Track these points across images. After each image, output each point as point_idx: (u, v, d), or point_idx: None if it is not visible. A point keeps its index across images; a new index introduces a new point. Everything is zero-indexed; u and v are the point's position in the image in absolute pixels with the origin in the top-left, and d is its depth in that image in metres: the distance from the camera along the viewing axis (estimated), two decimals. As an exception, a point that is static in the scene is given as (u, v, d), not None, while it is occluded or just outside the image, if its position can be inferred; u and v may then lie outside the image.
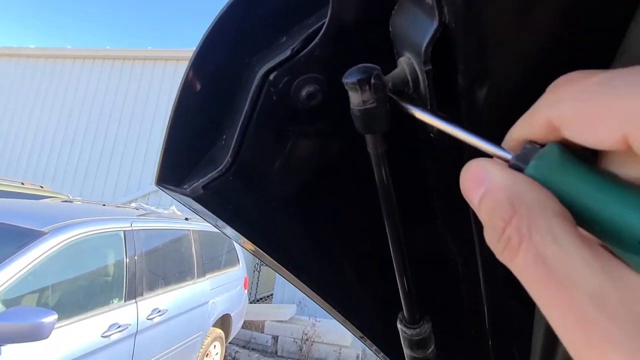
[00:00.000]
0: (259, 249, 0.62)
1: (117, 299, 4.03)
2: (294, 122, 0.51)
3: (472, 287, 0.86)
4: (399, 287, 0.55)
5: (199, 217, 0.61)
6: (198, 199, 0.49)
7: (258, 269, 10.02)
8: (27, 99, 13.53)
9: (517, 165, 0.26)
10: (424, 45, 0.38)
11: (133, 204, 6.59)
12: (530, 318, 0.83)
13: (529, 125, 0.26)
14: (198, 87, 0.48)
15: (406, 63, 0.42)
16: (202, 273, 5.61)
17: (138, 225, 4.59)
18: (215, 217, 0.52)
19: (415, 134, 0.57)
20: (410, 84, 0.42)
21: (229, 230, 0.60)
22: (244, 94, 0.49)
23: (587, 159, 0.25)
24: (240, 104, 0.49)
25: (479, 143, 0.33)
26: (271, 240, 0.62)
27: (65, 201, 5.62)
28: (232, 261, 6.59)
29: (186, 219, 5.79)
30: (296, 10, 0.49)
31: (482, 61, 0.38)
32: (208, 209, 0.50)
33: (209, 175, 0.48)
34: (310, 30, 0.47)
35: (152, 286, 4.60)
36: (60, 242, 3.45)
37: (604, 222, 0.22)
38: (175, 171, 0.49)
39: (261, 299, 10.05)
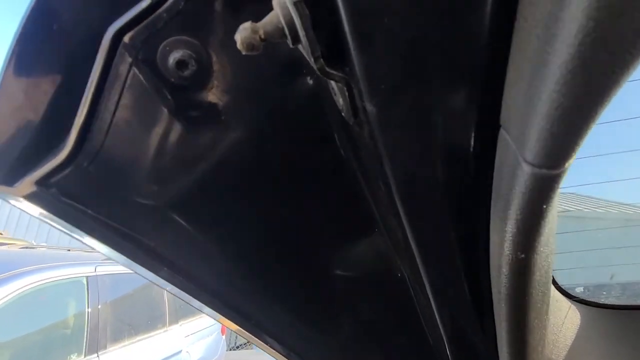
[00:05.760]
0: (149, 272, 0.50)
1: (76, 354, 3.67)
2: (164, 99, 0.41)
3: (428, 309, 0.73)
4: None
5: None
6: (31, 198, 0.37)
7: (239, 313, 9.48)
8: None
9: None
10: (287, -36, 0.29)
11: (102, 249, 6.22)
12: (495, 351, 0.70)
13: None
14: (33, 57, 0.38)
15: (279, 3, 0.33)
16: (175, 319, 5.24)
17: (103, 270, 4.28)
18: (66, 223, 0.40)
19: (333, 125, 0.47)
20: (286, 30, 0.33)
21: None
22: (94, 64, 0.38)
23: None
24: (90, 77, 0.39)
25: None
26: (160, 254, 0.50)
27: (26, 247, 5.26)
28: (209, 305, 6.21)
29: (158, 261, 5.48)
30: None
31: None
32: (49, 212, 0.38)
33: (44, 167, 0.37)
34: (174, -21, 0.38)
35: (118, 337, 4.23)
36: (10, 293, 3.14)
37: None
38: (4, 162, 0.38)
39: (241, 345, 9.45)
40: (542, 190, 0.32)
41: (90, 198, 0.41)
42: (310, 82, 0.44)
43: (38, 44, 0.38)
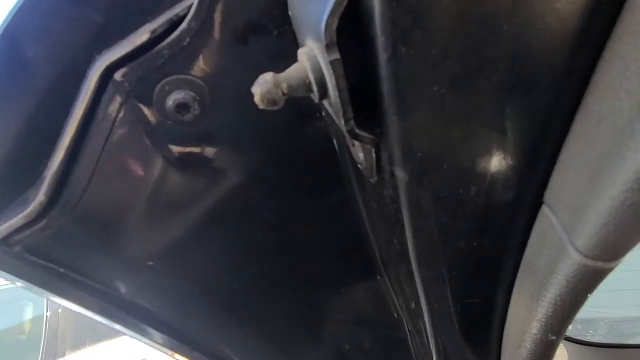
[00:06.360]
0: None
1: (31, 362, 3.45)
2: (158, 145, 0.35)
3: (427, 356, 0.70)
4: None
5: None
6: (-11, 262, 0.31)
7: (208, 317, 9.24)
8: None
9: None
10: (325, 19, 0.24)
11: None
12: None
13: None
14: (1, 87, 0.32)
15: (307, 56, 0.28)
16: (141, 325, 5.05)
17: (65, 273, 4.07)
18: (29, 284, 0.34)
19: (341, 163, 0.43)
20: (314, 86, 0.28)
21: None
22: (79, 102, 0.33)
23: None
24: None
25: None
26: (145, 315, 0.44)
27: (-19, 246, 4.92)
28: (177, 310, 6.01)
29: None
30: None
31: (419, 45, 0.25)
32: (9, 272, 0.32)
33: (8, 224, 0.30)
34: (180, 9, 0.33)
35: (79, 344, 4.01)
36: (-39, 296, 2.92)
37: None
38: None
39: (211, 350, 9.21)
40: (592, 281, 0.28)
41: (63, 255, 0.35)
42: (322, 126, 0.39)
43: (8, 72, 0.32)
